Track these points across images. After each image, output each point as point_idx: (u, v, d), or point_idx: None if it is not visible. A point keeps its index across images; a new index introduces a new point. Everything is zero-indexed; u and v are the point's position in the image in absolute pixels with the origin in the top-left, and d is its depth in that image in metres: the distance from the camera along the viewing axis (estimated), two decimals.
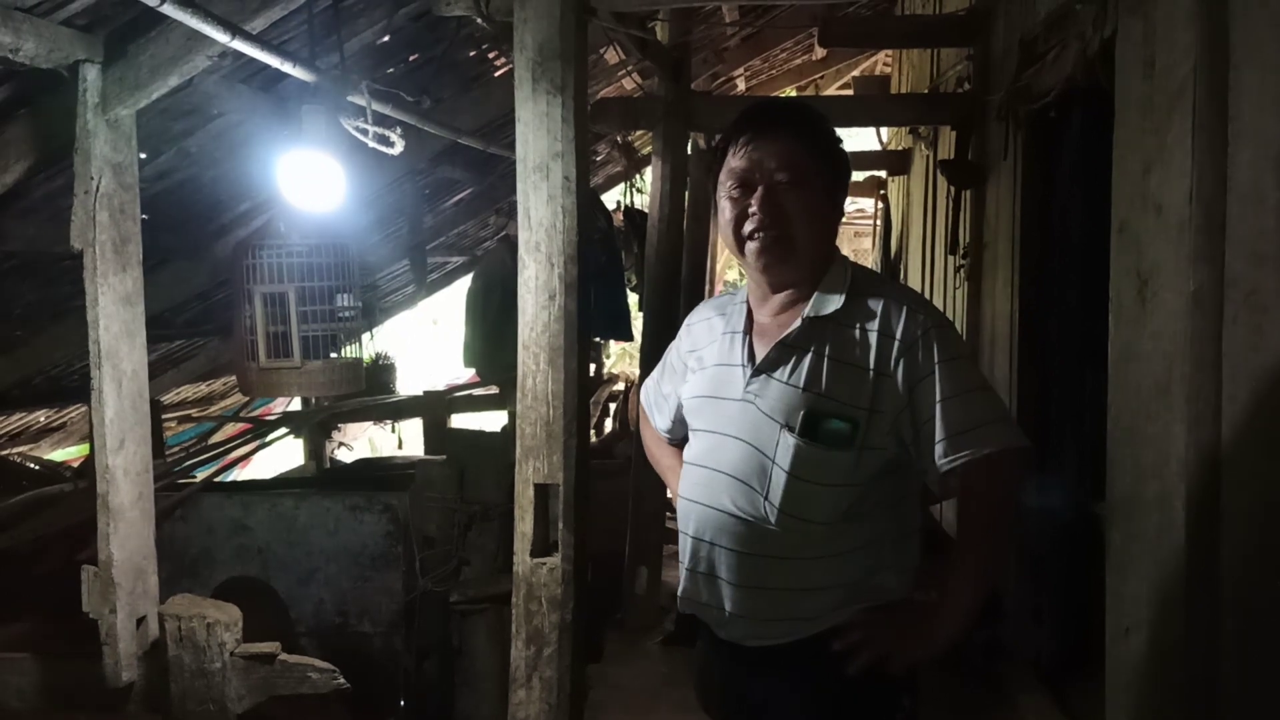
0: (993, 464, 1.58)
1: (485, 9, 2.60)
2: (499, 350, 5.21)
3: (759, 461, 1.65)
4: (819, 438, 1.60)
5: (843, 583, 1.66)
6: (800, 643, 1.67)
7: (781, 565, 1.66)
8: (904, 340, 1.60)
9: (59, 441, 5.82)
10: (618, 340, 7.90)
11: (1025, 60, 3.31)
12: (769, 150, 1.66)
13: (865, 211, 10.90)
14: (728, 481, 1.68)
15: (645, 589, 4.36)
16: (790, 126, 1.69)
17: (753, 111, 1.73)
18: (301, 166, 2.89)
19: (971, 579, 1.64)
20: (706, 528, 1.72)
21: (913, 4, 6.68)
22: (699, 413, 1.78)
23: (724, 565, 1.70)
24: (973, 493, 1.63)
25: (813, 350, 1.64)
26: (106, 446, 2.65)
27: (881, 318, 1.63)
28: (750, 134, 1.68)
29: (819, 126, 1.73)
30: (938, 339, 1.61)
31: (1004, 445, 1.58)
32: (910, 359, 1.60)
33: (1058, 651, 3.16)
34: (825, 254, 1.71)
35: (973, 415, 1.58)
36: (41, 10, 2.34)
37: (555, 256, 2.37)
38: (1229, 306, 1.78)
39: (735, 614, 1.71)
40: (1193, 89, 1.86)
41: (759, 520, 1.65)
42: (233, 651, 2.72)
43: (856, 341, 1.63)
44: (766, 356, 1.68)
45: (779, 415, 1.63)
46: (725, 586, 1.70)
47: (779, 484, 1.62)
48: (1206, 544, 1.83)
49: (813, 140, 1.70)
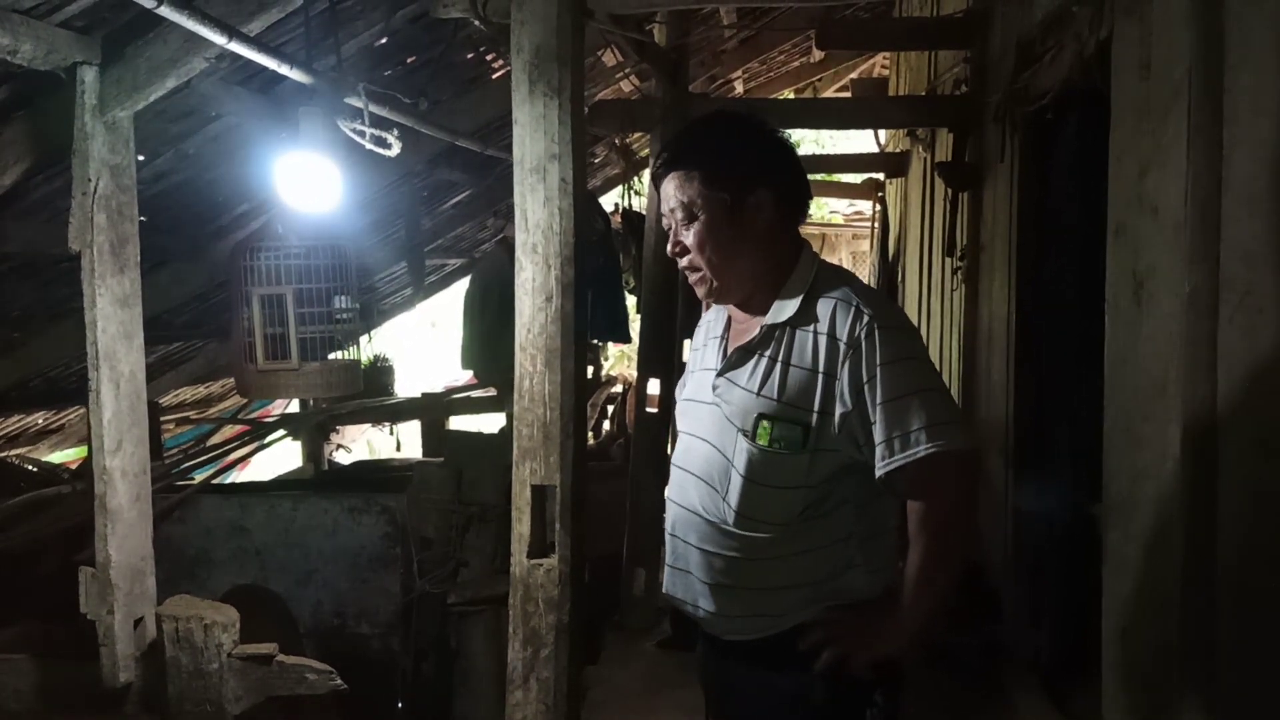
0: (933, 465, 1.57)
1: (482, 11, 2.61)
2: (497, 352, 5.21)
3: (721, 463, 1.69)
4: (770, 442, 1.63)
5: (808, 581, 1.69)
6: (770, 639, 1.71)
7: (743, 565, 1.70)
8: (847, 342, 1.61)
9: (57, 443, 5.81)
10: (615, 342, 7.91)
11: (1022, 62, 3.31)
12: (667, 190, 1.72)
13: (863, 214, 10.91)
14: (695, 482, 1.74)
15: (642, 591, 4.36)
16: (673, 163, 1.72)
17: (664, 147, 1.79)
18: (299, 168, 2.89)
19: (922, 580, 1.64)
20: (679, 526, 1.77)
21: (910, 6, 6.68)
22: (682, 415, 1.84)
23: (694, 563, 1.75)
24: (916, 495, 1.64)
25: (768, 355, 1.67)
26: (104, 448, 2.65)
27: (828, 319, 1.63)
28: (655, 173, 1.76)
29: (711, 150, 1.71)
30: (881, 340, 1.59)
31: (942, 448, 1.56)
32: (853, 362, 1.60)
33: (1056, 652, 3.16)
34: (761, 267, 1.71)
35: (910, 419, 1.57)
36: (39, 12, 2.34)
37: (552, 258, 2.37)
38: (1224, 308, 1.78)
39: (707, 610, 1.75)
40: (1189, 91, 1.86)
41: (720, 521, 1.69)
42: (230, 652, 2.72)
43: (807, 344, 1.64)
44: (729, 359, 1.72)
45: (736, 419, 1.67)
46: (697, 583, 1.75)
47: (736, 486, 1.66)
48: (1202, 545, 1.83)
49: (698, 168, 1.68)
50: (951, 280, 4.76)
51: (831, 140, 12.94)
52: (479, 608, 3.91)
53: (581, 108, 2.47)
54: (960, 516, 1.67)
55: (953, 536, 1.66)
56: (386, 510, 4.10)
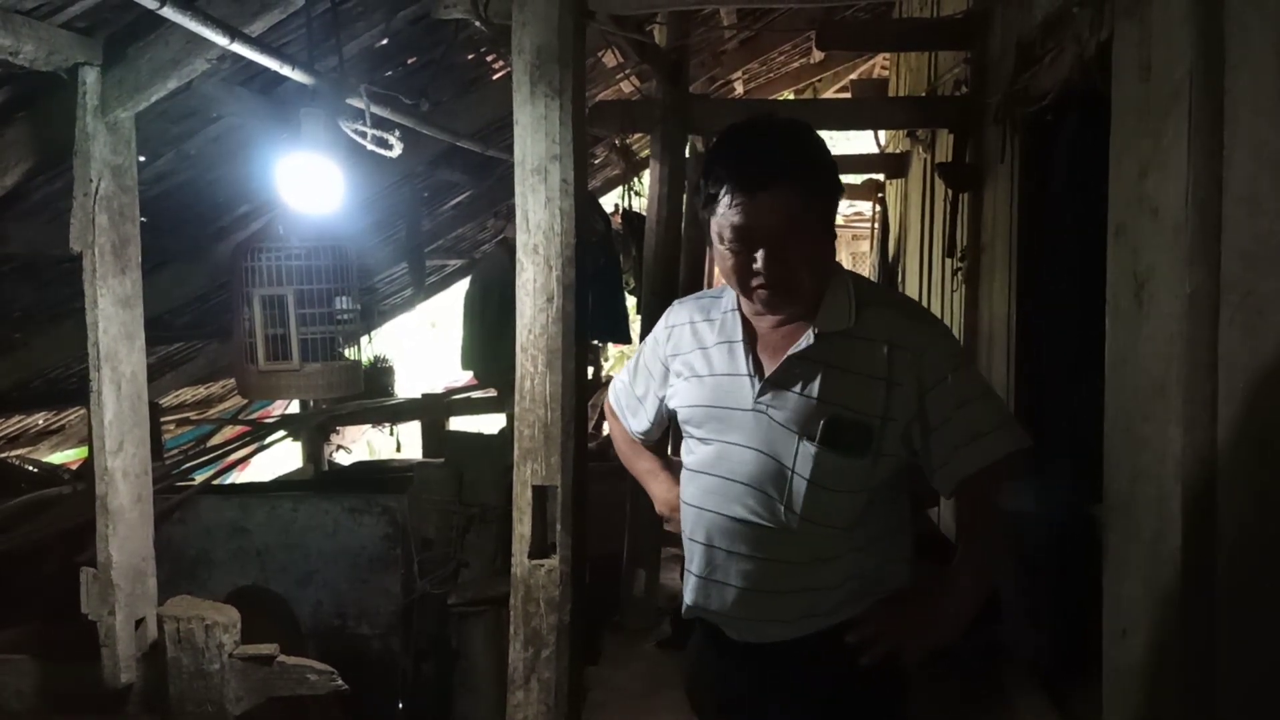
0: (1000, 468, 1.68)
1: (483, 12, 2.61)
2: (497, 353, 5.21)
3: (776, 469, 1.69)
4: (838, 446, 1.66)
5: (856, 576, 1.73)
6: (815, 635, 1.72)
7: (798, 568, 1.71)
8: (914, 350, 1.67)
9: (58, 444, 5.81)
10: (616, 343, 7.91)
11: (1022, 63, 3.32)
12: (763, 207, 1.61)
13: (863, 214, 10.92)
14: (742, 490, 1.72)
15: (643, 591, 4.36)
16: (779, 179, 1.61)
17: (739, 160, 1.65)
18: (300, 169, 2.89)
19: (976, 569, 1.70)
20: (717, 534, 1.75)
21: (910, 7, 6.69)
22: (700, 422, 1.79)
23: (736, 571, 1.73)
24: (979, 493, 1.72)
25: (825, 363, 1.68)
26: (105, 449, 2.65)
27: (890, 329, 1.69)
28: (740, 189, 1.62)
29: (804, 160, 1.66)
30: (944, 348, 1.71)
31: (1011, 449, 1.68)
32: (920, 369, 1.66)
33: (1056, 653, 3.16)
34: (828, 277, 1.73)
35: (981, 422, 1.67)
36: (41, 13, 2.34)
37: (553, 259, 2.37)
38: (1225, 309, 1.78)
39: (749, 617, 1.75)
40: (1189, 92, 1.86)
41: (779, 527, 1.69)
42: (231, 653, 2.72)
43: (867, 353, 1.68)
44: (779, 369, 1.71)
45: (795, 425, 1.68)
46: (737, 592, 1.74)
47: (799, 491, 1.68)
48: (1203, 545, 1.84)
49: (802, 181, 1.63)
50: (952, 281, 4.76)
51: (831, 141, 12.93)
52: (480, 608, 3.91)
53: (582, 108, 2.48)
54: (1004, 510, 1.76)
55: (1001, 529, 1.77)
56: (387, 511, 4.10)
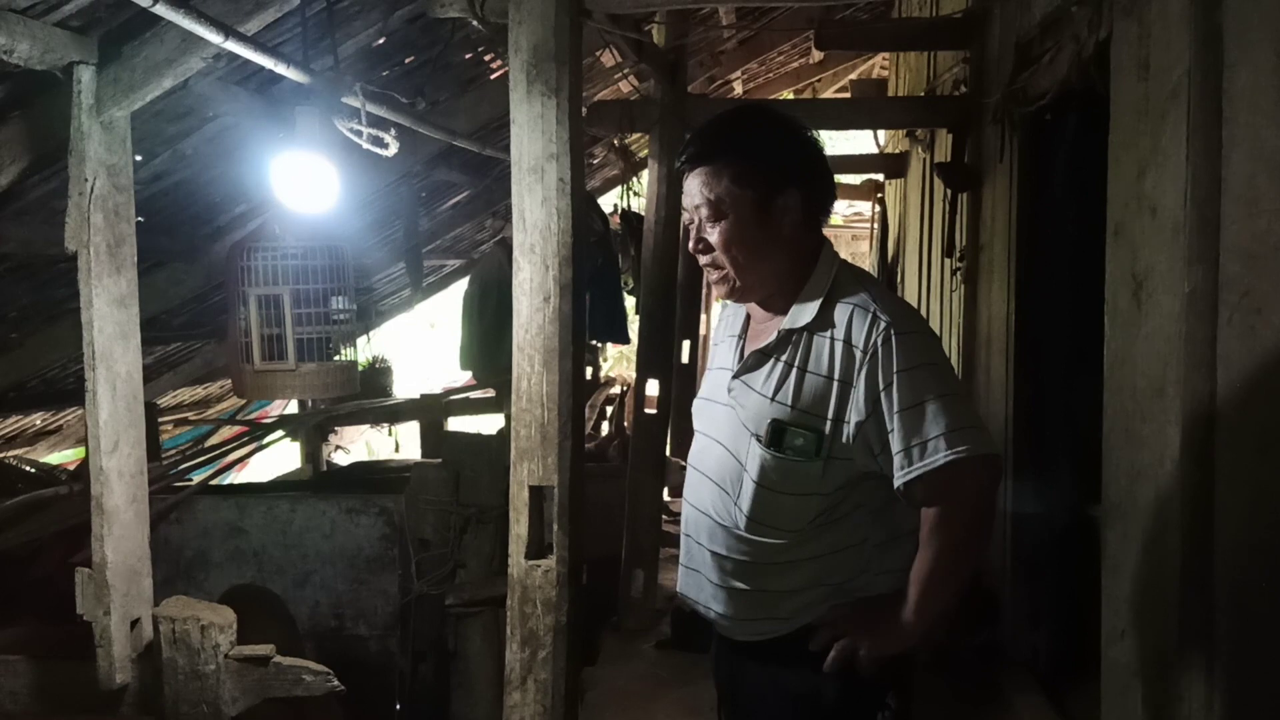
0: (952, 472, 1.55)
1: (480, 11, 2.60)
2: (495, 353, 5.21)
3: (734, 467, 1.68)
4: (784, 448, 1.60)
5: (821, 585, 1.68)
6: (781, 639, 1.70)
7: (754, 568, 1.68)
8: (864, 349, 1.58)
9: (55, 444, 5.80)
10: (614, 343, 7.90)
11: (1021, 63, 3.31)
12: (692, 186, 1.67)
13: (862, 214, 10.90)
14: (709, 484, 1.72)
15: (641, 592, 4.36)
16: (706, 157, 1.65)
17: (692, 139, 1.71)
18: (296, 168, 2.88)
19: (933, 582, 1.63)
20: (691, 526, 1.77)
21: (909, 7, 6.68)
22: (697, 414, 1.82)
23: (706, 564, 1.74)
24: (933, 501, 1.61)
25: (784, 360, 1.65)
26: (101, 449, 2.64)
27: (845, 325, 1.61)
28: (685, 165, 1.67)
29: (743, 143, 1.66)
30: (898, 346, 1.58)
31: (961, 454, 1.54)
32: (870, 370, 1.58)
33: (1054, 653, 3.16)
34: (785, 268, 1.68)
35: (928, 426, 1.55)
36: (36, 12, 2.33)
37: (550, 259, 2.37)
38: (1223, 308, 1.78)
39: (718, 610, 1.75)
40: (1187, 91, 1.86)
41: (731, 525, 1.68)
42: (227, 654, 2.71)
43: (824, 351, 1.62)
44: (745, 362, 1.70)
45: (750, 424, 1.65)
46: (708, 584, 1.75)
47: (748, 491, 1.65)
48: (1201, 545, 1.83)
49: (734, 164, 1.63)
50: (950, 281, 4.76)
51: (831, 141, 12.96)
52: (477, 609, 3.90)
53: (579, 108, 2.47)
54: (978, 521, 1.65)
55: (970, 542, 1.65)
56: (384, 511, 4.10)
